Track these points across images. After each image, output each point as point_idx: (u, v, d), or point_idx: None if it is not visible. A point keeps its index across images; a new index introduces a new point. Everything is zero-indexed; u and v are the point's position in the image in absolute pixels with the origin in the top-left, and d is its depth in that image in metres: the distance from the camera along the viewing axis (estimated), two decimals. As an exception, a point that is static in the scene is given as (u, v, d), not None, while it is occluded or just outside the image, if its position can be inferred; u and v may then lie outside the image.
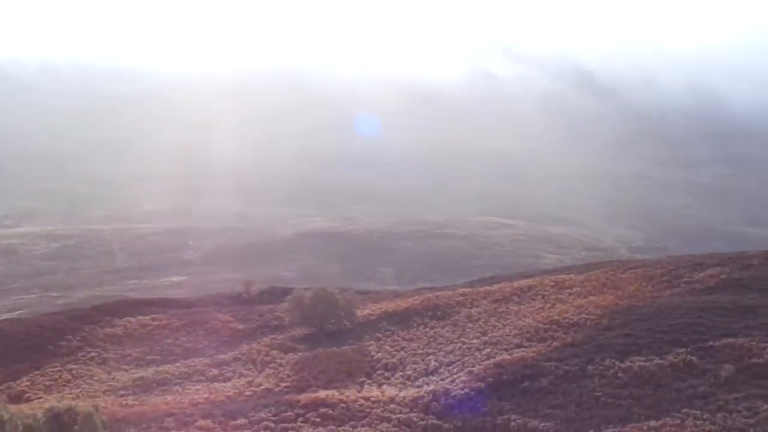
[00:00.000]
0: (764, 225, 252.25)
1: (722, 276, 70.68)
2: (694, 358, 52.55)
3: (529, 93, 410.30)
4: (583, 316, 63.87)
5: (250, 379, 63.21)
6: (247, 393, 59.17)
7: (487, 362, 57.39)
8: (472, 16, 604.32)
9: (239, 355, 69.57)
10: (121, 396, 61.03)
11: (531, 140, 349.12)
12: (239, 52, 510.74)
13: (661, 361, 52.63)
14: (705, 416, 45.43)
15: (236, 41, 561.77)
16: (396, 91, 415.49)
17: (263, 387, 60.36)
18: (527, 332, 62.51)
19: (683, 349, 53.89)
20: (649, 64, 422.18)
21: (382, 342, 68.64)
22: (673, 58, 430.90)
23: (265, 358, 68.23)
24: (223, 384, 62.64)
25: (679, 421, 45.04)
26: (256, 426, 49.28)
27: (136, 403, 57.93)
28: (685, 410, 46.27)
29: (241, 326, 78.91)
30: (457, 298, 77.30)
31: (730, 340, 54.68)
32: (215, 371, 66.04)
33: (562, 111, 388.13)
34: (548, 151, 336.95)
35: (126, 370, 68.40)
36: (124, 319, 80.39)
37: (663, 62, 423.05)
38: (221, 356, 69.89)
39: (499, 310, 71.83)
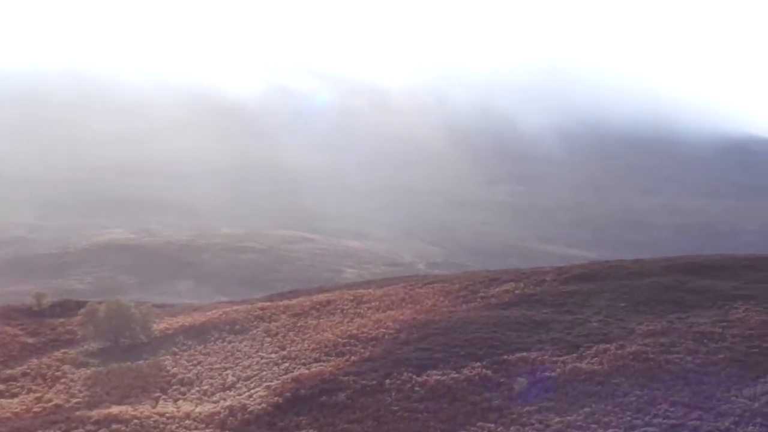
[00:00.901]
0: (557, 242, 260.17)
1: (517, 291, 72.18)
2: (489, 372, 53.30)
3: (324, 108, 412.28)
4: (382, 330, 64.09)
5: (39, 395, 60.78)
6: (35, 409, 56.87)
7: (284, 377, 56.89)
8: (267, 30, 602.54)
9: (28, 370, 66.82)
10: None
11: (328, 155, 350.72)
12: (29, 54, 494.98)
13: (457, 375, 53.16)
14: (499, 429, 46.04)
15: (25, 42, 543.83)
16: (192, 103, 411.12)
17: (53, 403, 58.15)
18: (326, 347, 62.29)
19: (478, 363, 54.62)
20: (443, 84, 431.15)
21: (178, 356, 67.23)
22: (465, 79, 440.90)
23: (56, 374, 65.79)
24: (10, 400, 59.99)
25: (474, 434, 45.53)
26: (44, 444, 47.41)
27: None
28: (480, 423, 46.79)
29: (30, 340, 75.93)
30: (256, 312, 76.50)
31: (524, 354, 55.77)
32: (1, 387, 63.21)
33: (357, 127, 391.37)
34: (346, 167, 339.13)
35: None
36: None
37: (456, 83, 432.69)
38: (9, 371, 66.93)
39: (298, 324, 71.42)
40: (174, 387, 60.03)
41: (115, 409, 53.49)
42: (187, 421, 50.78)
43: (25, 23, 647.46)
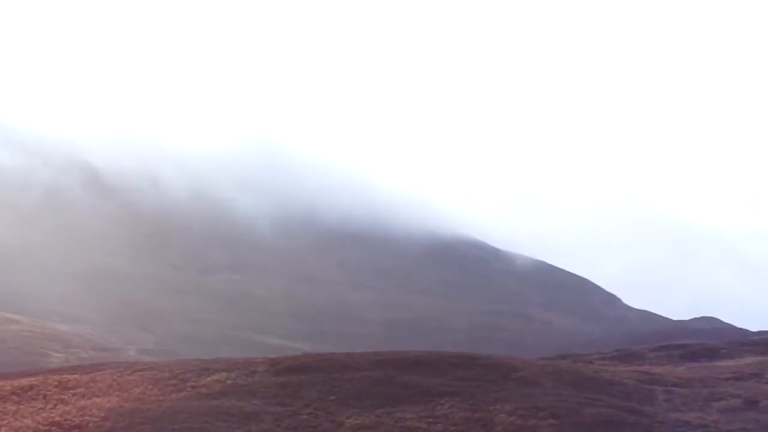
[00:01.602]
0: (271, 333, 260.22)
1: (228, 381, 71.57)
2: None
3: (33, 185, 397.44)
4: (86, 417, 62.02)
5: None
6: None
7: (-22, 466, 54.04)
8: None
9: None
10: None
11: (36, 234, 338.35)
12: None
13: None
14: None
15: None
16: None
17: None
18: (25, 434, 59.71)
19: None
20: (156, 166, 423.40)
21: None
22: (179, 160, 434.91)
23: None
24: None
25: None
26: None
27: None
28: None
29: None
30: (-50, 398, 72.41)
31: (232, 445, 55.29)
32: None
33: (67, 206, 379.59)
34: (55, 246, 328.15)
35: None
36: None
37: (170, 165, 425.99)
38: None
39: (-4, 410, 68.07)
40: None
41: None
42: None
43: None
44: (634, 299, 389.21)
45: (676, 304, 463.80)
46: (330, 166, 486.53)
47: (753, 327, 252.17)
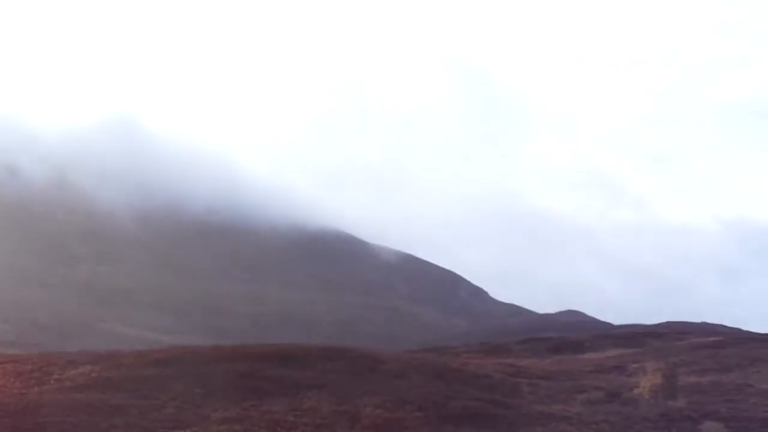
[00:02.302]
0: (137, 325, 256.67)
1: (93, 374, 70.47)
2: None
3: None
4: (-56, 412, 60.42)
5: None
6: None
7: None
8: None
9: None
10: None
11: None
12: None
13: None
14: None
15: None
16: None
17: None
18: None
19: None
20: (14, 153, 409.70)
21: None
22: (38, 149, 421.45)
23: None
24: None
25: None
26: None
27: None
28: None
29: None
30: None
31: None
32: None
33: None
34: None
35: None
36: None
37: (28, 153, 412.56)
38: None
39: None
40: None
41: None
42: None
43: None
44: (500, 293, 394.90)
45: (542, 298, 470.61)
46: (193, 155, 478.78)
47: (616, 320, 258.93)
